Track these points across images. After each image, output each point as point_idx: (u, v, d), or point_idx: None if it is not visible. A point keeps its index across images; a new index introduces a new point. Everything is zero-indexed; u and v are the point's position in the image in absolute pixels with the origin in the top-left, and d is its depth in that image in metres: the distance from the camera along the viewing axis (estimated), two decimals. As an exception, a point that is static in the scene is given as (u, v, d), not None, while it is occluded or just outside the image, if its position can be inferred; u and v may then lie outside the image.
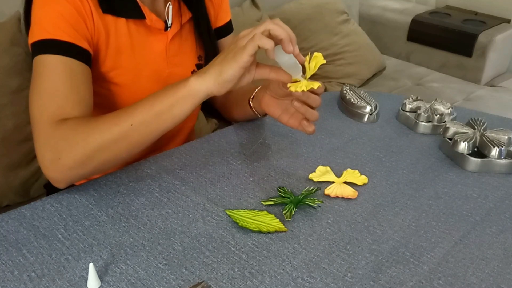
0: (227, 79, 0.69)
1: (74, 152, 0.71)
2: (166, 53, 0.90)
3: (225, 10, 1.01)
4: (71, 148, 0.71)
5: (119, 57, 0.84)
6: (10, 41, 1.16)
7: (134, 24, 0.84)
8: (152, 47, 0.88)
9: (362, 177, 0.83)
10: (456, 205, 0.77)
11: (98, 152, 0.72)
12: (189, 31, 0.94)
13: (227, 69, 0.68)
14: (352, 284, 0.61)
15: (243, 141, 0.93)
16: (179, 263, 0.64)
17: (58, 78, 0.74)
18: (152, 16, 0.85)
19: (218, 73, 0.69)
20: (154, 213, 0.73)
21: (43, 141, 0.73)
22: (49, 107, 0.74)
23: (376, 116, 1.03)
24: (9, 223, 0.70)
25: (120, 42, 0.83)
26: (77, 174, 0.74)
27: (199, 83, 0.70)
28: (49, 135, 0.72)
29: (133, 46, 0.85)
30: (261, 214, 0.72)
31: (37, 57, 0.75)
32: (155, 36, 0.87)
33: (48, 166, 0.72)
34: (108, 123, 0.72)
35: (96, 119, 0.73)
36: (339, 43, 1.96)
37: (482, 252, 0.67)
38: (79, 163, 0.72)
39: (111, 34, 0.82)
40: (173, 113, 0.71)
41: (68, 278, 0.61)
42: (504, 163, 0.86)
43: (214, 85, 0.70)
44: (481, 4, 2.39)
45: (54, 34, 0.75)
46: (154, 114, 0.71)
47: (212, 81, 0.69)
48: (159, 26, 0.87)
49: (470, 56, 2.17)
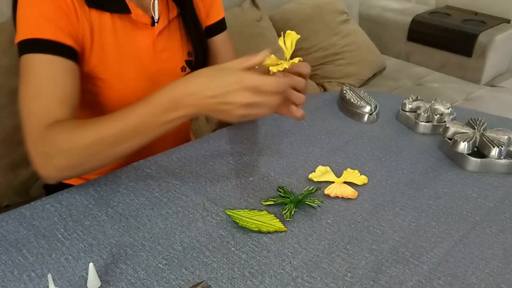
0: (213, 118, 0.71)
1: (63, 158, 0.73)
2: (154, 49, 0.89)
3: (216, 8, 1.00)
4: (60, 155, 0.73)
5: (104, 52, 0.84)
6: (10, 41, 1.16)
7: (119, 18, 0.84)
8: (139, 42, 0.87)
9: (362, 177, 0.83)
10: (456, 205, 0.77)
11: (87, 159, 0.73)
12: (177, 27, 0.93)
13: (213, 116, 0.70)
14: (352, 284, 0.61)
15: (243, 141, 0.93)
16: (179, 263, 0.64)
17: (42, 78, 0.75)
18: (138, 11, 0.85)
19: (203, 113, 0.70)
20: (154, 213, 0.73)
21: (32, 143, 0.74)
22: (35, 108, 0.74)
23: (376, 116, 1.03)
24: (9, 223, 0.70)
25: (105, 37, 0.83)
26: (68, 175, 0.76)
27: (189, 112, 0.70)
28: (37, 139, 0.74)
29: (118, 41, 0.85)
30: (261, 214, 0.72)
31: (23, 57, 0.76)
32: (142, 31, 0.87)
33: (39, 166, 0.74)
34: (93, 132, 0.72)
35: (81, 126, 0.73)
36: (339, 43, 1.96)
37: (482, 252, 0.67)
38: (69, 167, 0.74)
39: (95, 29, 0.82)
40: (160, 130, 0.72)
41: (68, 278, 0.61)
42: (504, 163, 0.86)
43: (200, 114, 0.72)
44: (481, 4, 2.39)
45: (37, 33, 0.75)
46: (134, 131, 0.72)
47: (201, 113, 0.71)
48: (145, 21, 0.86)
49: (470, 56, 2.17)
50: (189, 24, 0.94)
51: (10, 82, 1.16)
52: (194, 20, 0.95)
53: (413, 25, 2.34)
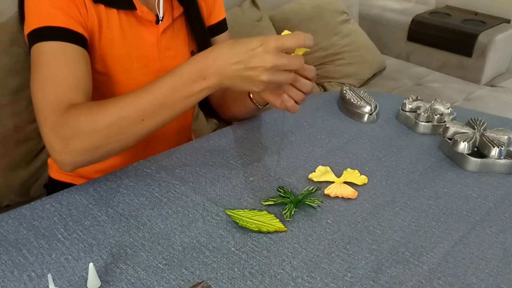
0: (232, 88, 0.71)
1: (81, 141, 0.72)
2: (158, 46, 0.90)
3: (218, 8, 1.01)
4: (77, 137, 0.71)
5: (111, 46, 0.85)
6: (10, 41, 1.16)
7: (125, 15, 0.85)
8: (144, 38, 0.88)
9: (362, 177, 0.83)
10: (456, 205, 0.77)
11: (109, 139, 0.72)
12: (182, 25, 0.94)
13: (237, 85, 0.70)
14: (352, 284, 0.61)
15: (243, 141, 0.93)
16: (179, 263, 0.64)
17: (56, 64, 0.75)
18: (143, 8, 0.86)
19: (228, 83, 0.70)
20: (154, 213, 0.73)
21: (48, 128, 0.73)
22: (50, 93, 0.74)
23: (376, 116, 1.03)
24: (9, 223, 0.70)
25: (112, 32, 0.84)
26: (87, 160, 0.74)
27: (217, 82, 0.70)
28: (54, 122, 0.72)
29: (124, 37, 0.86)
30: (261, 214, 0.72)
31: (34, 46, 0.76)
32: (147, 28, 0.88)
33: (57, 151, 0.73)
34: (116, 110, 0.72)
35: (101, 105, 0.73)
36: (339, 43, 1.96)
37: (482, 252, 0.67)
38: (87, 150, 0.72)
39: (103, 24, 0.83)
40: (185, 104, 0.72)
41: (68, 278, 0.61)
42: (504, 163, 0.86)
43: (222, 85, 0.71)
44: (481, 4, 2.39)
45: (48, 21, 0.75)
46: (161, 105, 0.71)
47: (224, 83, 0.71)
48: (149, 18, 0.87)
49: (470, 56, 2.17)
50: (193, 23, 0.94)
51: (10, 82, 1.16)
52: (199, 19, 0.95)
53: (413, 25, 2.34)
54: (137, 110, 0.71)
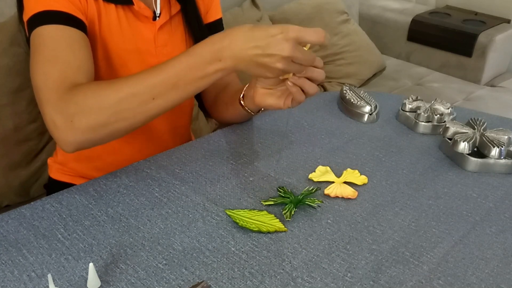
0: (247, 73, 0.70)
1: (88, 117, 0.69)
2: (155, 43, 0.90)
3: (215, 7, 1.01)
4: (83, 113, 0.69)
5: (109, 40, 0.85)
6: (10, 41, 1.16)
7: (122, 9, 0.86)
8: (141, 34, 0.89)
9: (362, 177, 0.83)
10: (456, 205, 0.77)
11: (116, 116, 0.70)
12: (179, 23, 0.94)
13: (251, 70, 0.69)
14: (352, 284, 0.61)
15: (243, 141, 0.93)
16: (179, 263, 0.64)
17: (57, 46, 0.74)
18: (140, 4, 0.86)
19: (242, 67, 0.69)
20: (154, 213, 0.73)
21: (52, 106, 0.70)
22: (52, 73, 0.72)
23: (376, 116, 1.03)
24: (9, 223, 0.70)
25: (110, 26, 0.84)
26: (88, 139, 0.71)
27: (231, 64, 0.69)
28: (57, 100, 0.70)
29: (122, 31, 0.86)
30: (261, 214, 0.72)
31: (35, 31, 0.75)
32: (144, 24, 0.88)
33: (60, 127, 0.69)
34: (126, 87, 0.70)
35: (111, 82, 0.71)
36: (339, 43, 1.96)
37: (482, 252, 0.67)
38: (92, 127, 0.69)
39: (102, 17, 0.83)
40: (197, 85, 0.71)
41: (68, 278, 0.61)
42: (504, 163, 0.86)
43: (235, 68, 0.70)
44: (481, 4, 2.39)
45: (49, 5, 0.75)
46: (173, 84, 0.70)
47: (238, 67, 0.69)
48: (146, 14, 0.87)
49: (470, 56, 2.17)
50: (191, 20, 0.94)
51: (10, 82, 1.16)
52: (196, 17, 0.95)
53: (413, 25, 2.34)
54: (148, 88, 0.69)
